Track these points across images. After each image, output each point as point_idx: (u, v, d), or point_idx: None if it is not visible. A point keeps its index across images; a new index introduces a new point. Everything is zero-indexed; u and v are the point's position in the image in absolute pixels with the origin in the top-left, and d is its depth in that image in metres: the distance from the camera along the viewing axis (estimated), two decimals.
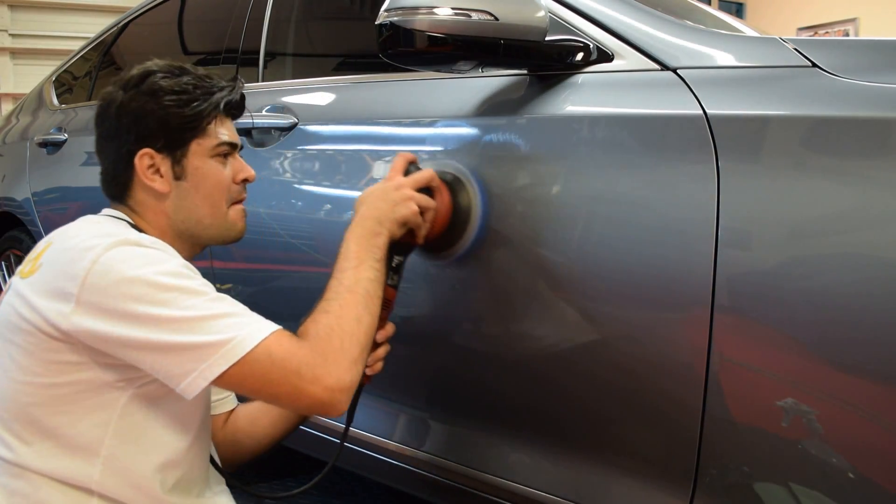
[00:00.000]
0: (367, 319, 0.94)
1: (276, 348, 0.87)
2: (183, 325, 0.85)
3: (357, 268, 0.96)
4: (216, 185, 1.04)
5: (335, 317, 0.92)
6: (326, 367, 0.88)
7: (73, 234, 0.94)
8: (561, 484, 1.06)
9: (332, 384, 0.87)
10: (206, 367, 0.85)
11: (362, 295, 0.94)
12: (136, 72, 1.04)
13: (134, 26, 2.45)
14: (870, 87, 0.83)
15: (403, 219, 1.01)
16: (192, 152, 1.02)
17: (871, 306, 0.77)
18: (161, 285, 0.87)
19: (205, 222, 1.05)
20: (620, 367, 0.98)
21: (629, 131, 0.99)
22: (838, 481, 0.81)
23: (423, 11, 0.96)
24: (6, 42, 5.86)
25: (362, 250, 0.98)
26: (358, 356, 0.91)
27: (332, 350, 0.89)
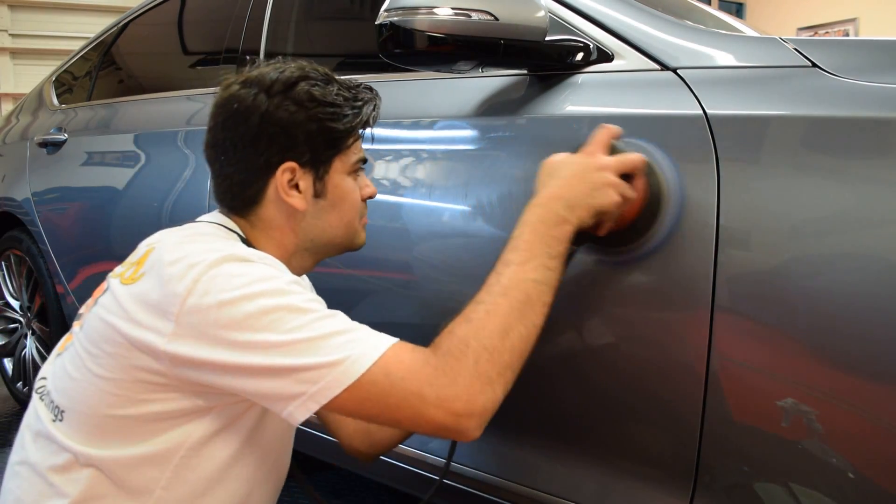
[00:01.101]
0: (518, 332, 0.80)
1: (396, 367, 0.77)
2: (289, 348, 0.77)
3: (524, 264, 0.82)
4: (353, 205, 0.97)
5: (475, 328, 0.79)
6: (454, 388, 0.76)
7: (178, 245, 0.85)
8: (561, 484, 1.06)
9: (458, 409, 0.76)
10: (316, 391, 0.76)
11: (520, 301, 0.80)
12: (279, 76, 0.93)
13: (134, 26, 2.45)
14: (870, 87, 0.83)
15: (601, 209, 0.86)
16: (334, 169, 0.94)
17: (872, 306, 0.77)
18: (264, 308, 0.78)
19: (336, 241, 0.98)
20: (620, 367, 0.98)
21: (629, 131, 0.99)
22: (838, 481, 0.81)
23: (423, 11, 0.96)
24: (6, 42, 5.86)
25: (537, 241, 0.83)
26: (497, 376, 0.78)
27: (463, 369, 0.77)
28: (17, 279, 2.61)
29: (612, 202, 0.86)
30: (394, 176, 1.28)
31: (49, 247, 2.31)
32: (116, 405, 0.83)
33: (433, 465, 1.23)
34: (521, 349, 0.81)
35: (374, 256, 1.29)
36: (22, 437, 0.92)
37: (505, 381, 0.79)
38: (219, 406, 0.86)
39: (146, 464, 0.85)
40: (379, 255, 1.28)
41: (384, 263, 1.28)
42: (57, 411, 0.88)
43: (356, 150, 0.97)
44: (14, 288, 2.64)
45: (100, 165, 2.19)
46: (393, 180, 1.28)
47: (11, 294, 2.65)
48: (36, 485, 0.87)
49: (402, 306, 1.27)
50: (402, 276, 1.26)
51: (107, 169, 2.14)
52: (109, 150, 2.15)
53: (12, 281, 2.65)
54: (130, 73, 2.57)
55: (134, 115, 2.13)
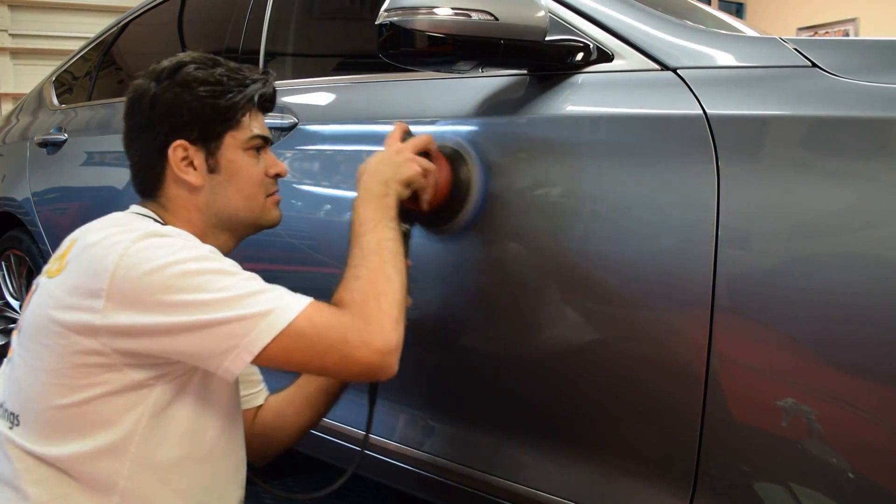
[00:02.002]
0: (397, 279, 0.92)
1: (318, 317, 0.86)
2: (220, 304, 0.84)
3: (374, 229, 0.94)
4: (249, 179, 1.03)
5: (366, 281, 0.90)
6: (371, 329, 0.86)
7: (98, 230, 0.92)
8: (561, 484, 1.06)
9: (380, 346, 0.86)
10: (248, 342, 0.83)
11: (388, 255, 0.93)
12: (168, 63, 1.02)
13: (134, 26, 2.45)
14: (870, 87, 0.83)
15: (408, 179, 1.00)
16: (225, 145, 1.01)
17: (871, 306, 0.77)
18: (192, 271, 0.85)
19: (240, 214, 1.04)
20: (620, 367, 0.98)
21: (629, 131, 0.99)
22: (838, 481, 0.81)
23: (423, 11, 0.96)
24: (6, 42, 5.86)
25: (375, 212, 0.96)
26: (398, 315, 0.90)
27: (372, 313, 0.87)
28: (17, 279, 2.61)
29: (414, 172, 1.00)
30: None
31: (49, 247, 2.31)
32: (62, 394, 0.87)
33: (433, 464, 1.23)
34: (403, 291, 0.93)
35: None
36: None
37: (403, 318, 0.91)
38: (160, 379, 0.89)
39: (104, 456, 0.88)
40: None
41: None
42: (12, 417, 0.91)
43: (250, 126, 1.03)
44: (14, 288, 2.64)
45: (100, 165, 2.19)
46: None
47: (11, 294, 2.65)
48: (2, 493, 0.89)
49: None
50: None
51: (107, 169, 2.14)
52: (109, 150, 2.15)
53: (12, 281, 2.65)
54: (130, 73, 2.57)
55: None
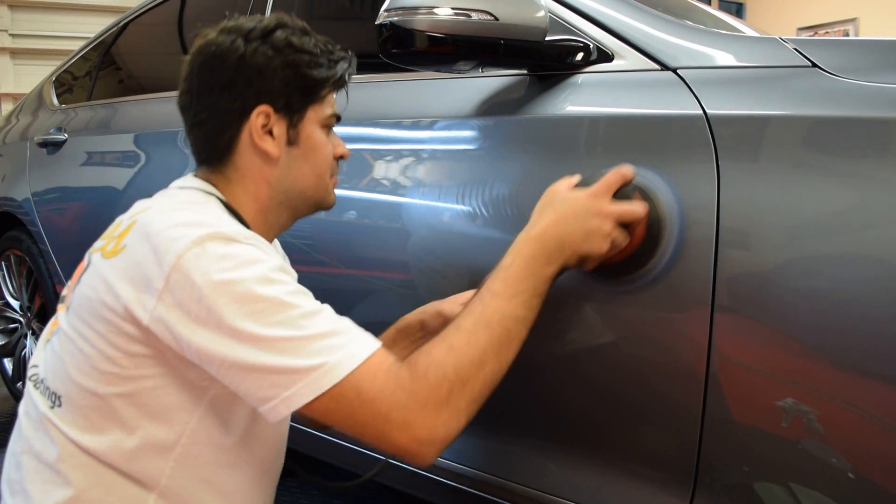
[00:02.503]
0: (492, 367, 0.80)
1: (368, 384, 0.75)
2: (268, 344, 0.75)
3: (510, 299, 0.82)
4: (325, 157, 0.97)
5: (456, 355, 0.78)
6: (422, 415, 0.75)
7: (160, 214, 0.84)
8: (561, 484, 1.06)
9: (423, 437, 0.76)
10: (289, 396, 0.75)
11: (500, 336, 0.80)
12: (258, 23, 0.93)
13: (134, 26, 2.45)
14: (870, 87, 0.83)
15: (588, 256, 0.88)
16: (307, 118, 0.95)
17: (872, 306, 0.77)
18: (249, 295, 0.76)
19: (307, 193, 0.98)
20: (620, 367, 0.98)
21: (629, 131, 0.99)
22: (838, 481, 0.81)
23: (423, 11, 0.96)
24: (6, 42, 5.86)
25: (527, 277, 0.83)
26: (465, 408, 0.78)
27: (435, 397, 0.76)
28: (17, 279, 2.62)
29: (599, 252, 0.87)
30: (394, 176, 1.28)
31: (49, 247, 2.31)
32: (110, 382, 0.82)
33: (434, 465, 1.22)
34: (492, 384, 0.81)
35: (374, 256, 1.29)
36: (20, 427, 0.91)
37: (470, 413, 0.79)
38: (215, 382, 0.83)
39: (149, 452, 0.84)
40: (379, 254, 1.29)
41: (384, 263, 1.28)
42: (54, 397, 0.87)
43: (330, 103, 0.98)
44: (14, 288, 2.64)
45: (100, 165, 2.19)
46: (393, 180, 1.28)
47: (11, 294, 2.65)
48: (41, 472, 0.86)
49: (401, 306, 1.27)
50: (402, 275, 1.26)
51: (107, 169, 2.13)
52: (109, 150, 2.15)
53: (12, 281, 2.65)
54: (130, 73, 2.57)
55: (134, 115, 2.13)
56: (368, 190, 1.31)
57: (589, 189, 0.89)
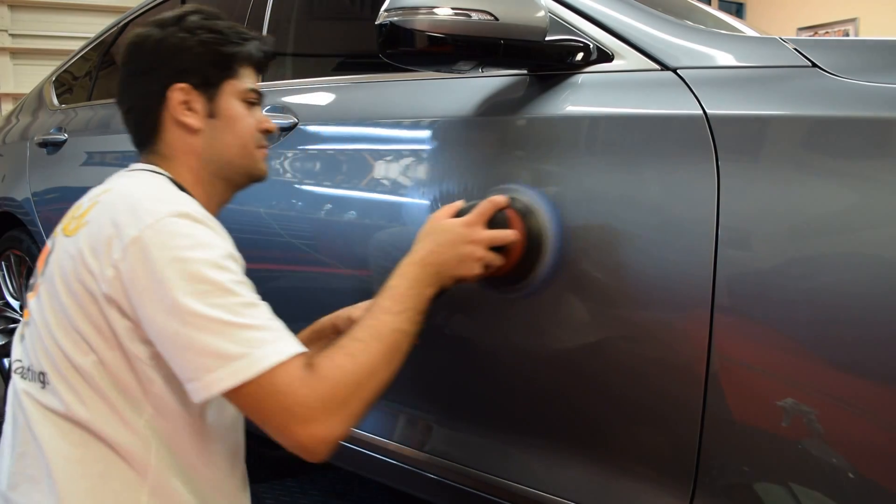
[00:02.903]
0: (381, 375, 0.88)
1: (283, 381, 0.81)
2: (204, 322, 0.81)
3: (398, 314, 0.90)
4: (245, 127, 1.04)
5: (354, 363, 0.86)
6: (322, 414, 0.82)
7: (123, 193, 0.92)
8: (561, 484, 1.06)
9: (319, 434, 0.82)
10: (212, 380, 0.81)
11: (389, 348, 0.88)
12: (172, 13, 1.04)
13: (134, 26, 2.45)
14: (870, 87, 0.83)
15: (462, 279, 0.97)
16: (224, 92, 1.02)
17: (871, 306, 0.77)
18: (198, 275, 0.82)
19: (235, 162, 1.04)
20: (620, 367, 0.98)
21: (629, 131, 0.99)
22: (838, 481, 0.81)
23: (423, 11, 0.96)
24: (6, 42, 5.86)
25: (411, 297, 0.92)
26: (357, 410, 0.85)
27: (335, 399, 0.83)
28: (17, 279, 2.62)
29: (473, 275, 0.97)
30: (394, 176, 1.28)
31: None
32: (83, 352, 0.88)
33: (433, 464, 1.23)
34: (381, 390, 0.88)
35: (374, 256, 1.29)
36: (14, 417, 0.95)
37: (361, 416, 0.86)
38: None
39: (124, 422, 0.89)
40: (380, 254, 1.29)
41: (385, 263, 1.28)
42: (41, 377, 0.92)
43: (247, 79, 1.05)
44: (14, 288, 2.64)
45: (100, 165, 2.19)
46: (393, 180, 1.28)
47: (11, 294, 2.65)
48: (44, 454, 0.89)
49: None
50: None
51: (107, 169, 2.13)
52: (109, 150, 2.15)
53: (12, 281, 2.65)
54: None
55: None
56: (368, 190, 1.31)
57: (464, 218, 0.98)
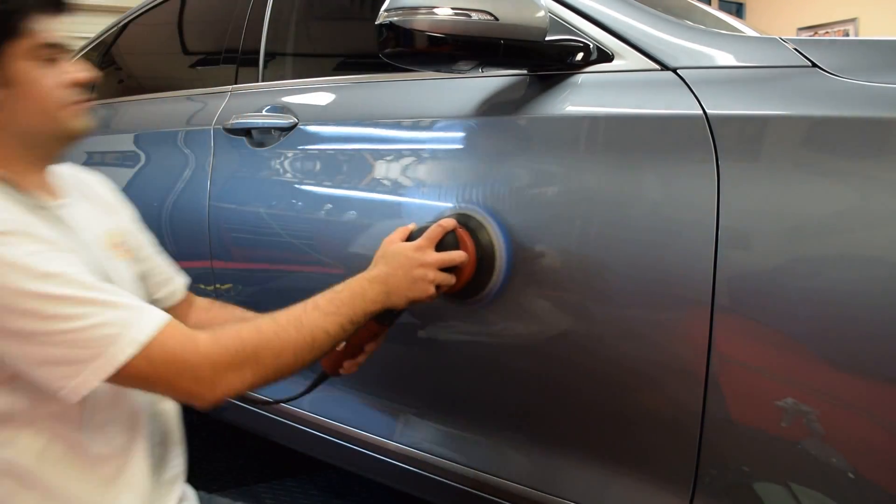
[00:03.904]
0: (287, 360, 0.89)
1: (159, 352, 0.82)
2: (47, 338, 0.78)
3: (328, 315, 0.92)
4: (46, 89, 0.95)
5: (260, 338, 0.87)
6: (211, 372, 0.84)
7: None
8: (561, 484, 1.06)
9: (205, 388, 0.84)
10: (78, 384, 0.79)
11: (305, 339, 0.90)
12: None
13: (134, 26, 2.45)
14: (870, 87, 0.83)
15: (414, 301, 1.00)
16: (10, 56, 0.93)
17: (871, 306, 0.77)
18: (20, 294, 0.78)
19: (42, 130, 0.96)
20: (620, 367, 0.98)
21: (629, 131, 0.99)
22: (838, 481, 0.81)
23: (423, 11, 0.96)
24: None
25: (349, 306, 0.94)
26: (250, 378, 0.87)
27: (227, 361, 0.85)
28: None
29: (426, 296, 1.00)
30: (394, 176, 1.28)
31: None
32: None
33: (433, 465, 1.23)
34: (282, 373, 0.89)
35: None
36: None
37: (253, 384, 0.87)
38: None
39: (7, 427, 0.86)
40: None
41: None
42: None
43: (41, 34, 0.98)
44: None
45: (100, 165, 2.18)
46: (393, 180, 1.28)
47: None
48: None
49: None
50: None
51: (107, 169, 2.13)
52: (109, 150, 2.15)
53: None
54: (130, 73, 2.57)
55: (134, 115, 2.13)
56: (368, 190, 1.31)
57: (414, 243, 1.02)
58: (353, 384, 1.36)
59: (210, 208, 1.63)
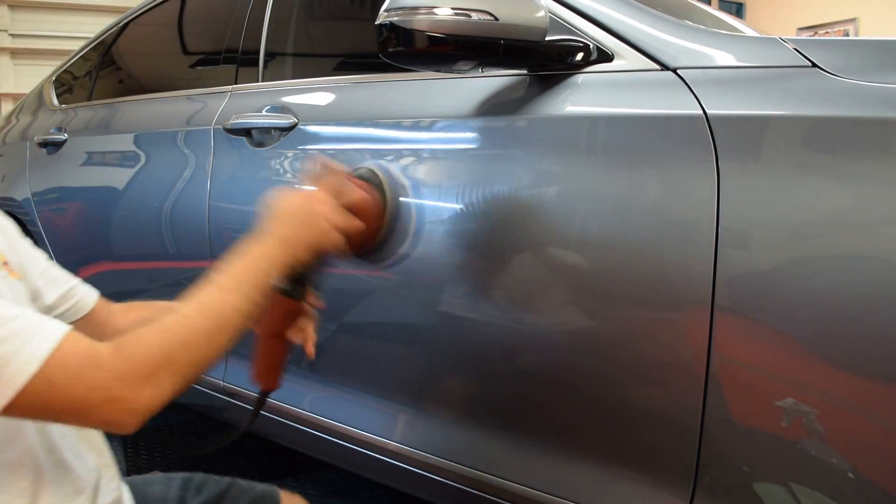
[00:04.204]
0: (201, 349, 0.80)
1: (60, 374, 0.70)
2: None
3: (230, 291, 0.82)
4: None
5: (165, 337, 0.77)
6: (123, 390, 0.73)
7: None
8: (561, 484, 1.06)
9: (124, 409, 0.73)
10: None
11: (216, 323, 0.81)
12: None
13: (134, 26, 2.45)
14: (870, 87, 0.83)
15: (321, 251, 0.91)
16: None
17: (871, 306, 0.77)
18: None
19: None
20: (621, 367, 0.98)
21: (629, 131, 0.99)
22: (838, 481, 0.81)
23: (423, 11, 0.96)
24: (6, 42, 5.86)
25: (251, 275, 0.84)
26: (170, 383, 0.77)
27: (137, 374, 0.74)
28: None
29: (331, 243, 0.91)
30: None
31: (49, 247, 2.31)
32: None
33: (434, 465, 1.23)
34: (200, 364, 0.81)
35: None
36: None
37: (176, 388, 0.78)
38: None
39: None
40: None
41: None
42: None
43: None
44: None
45: (100, 165, 2.19)
46: None
47: None
48: None
49: (400, 306, 1.27)
50: (402, 275, 1.26)
51: (107, 169, 2.14)
52: (109, 150, 2.15)
53: None
54: (130, 73, 2.57)
55: (134, 115, 2.13)
56: None
57: (306, 191, 0.94)
58: (353, 384, 1.36)
59: (210, 208, 1.63)
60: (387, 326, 1.29)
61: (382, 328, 1.31)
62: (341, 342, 1.38)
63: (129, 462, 2.00)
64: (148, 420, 0.76)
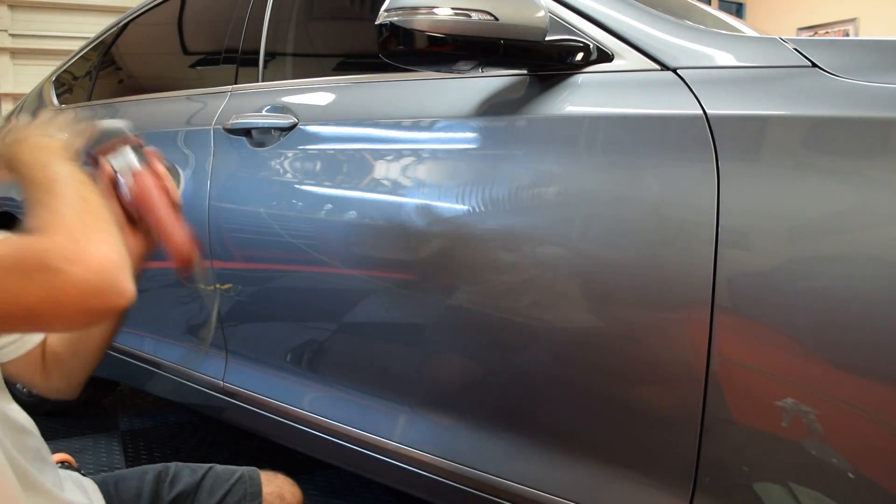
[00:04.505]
0: (90, 197, 0.75)
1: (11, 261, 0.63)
2: None
3: (47, 166, 0.80)
4: None
5: (56, 205, 0.72)
6: (80, 244, 0.65)
7: None
8: (561, 484, 1.06)
9: (96, 262, 0.65)
10: None
11: (68, 181, 0.77)
12: None
13: (134, 26, 2.45)
14: (870, 87, 0.83)
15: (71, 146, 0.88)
16: None
17: (871, 306, 0.77)
18: None
19: None
20: (620, 367, 0.98)
21: (629, 131, 0.99)
22: (838, 481, 0.81)
23: (423, 11, 0.96)
24: (6, 42, 5.85)
25: (42, 154, 0.85)
26: (108, 233, 0.69)
27: (76, 229, 0.67)
28: None
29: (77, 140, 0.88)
30: (394, 176, 1.28)
31: None
32: None
33: (433, 464, 1.23)
34: (104, 212, 0.74)
35: (374, 256, 1.29)
36: None
37: (117, 237, 0.71)
38: None
39: None
40: (379, 254, 1.29)
41: (385, 263, 1.28)
42: None
43: None
44: None
45: None
46: (393, 180, 1.28)
47: None
48: None
49: (401, 306, 1.27)
50: (403, 275, 1.26)
51: None
52: None
53: None
54: (130, 73, 2.57)
55: (134, 115, 2.13)
56: (369, 190, 1.31)
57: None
58: (352, 384, 1.36)
59: (210, 208, 1.63)
60: (387, 326, 1.29)
61: (382, 328, 1.31)
62: (341, 342, 1.38)
63: (129, 462, 2.00)
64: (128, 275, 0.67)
